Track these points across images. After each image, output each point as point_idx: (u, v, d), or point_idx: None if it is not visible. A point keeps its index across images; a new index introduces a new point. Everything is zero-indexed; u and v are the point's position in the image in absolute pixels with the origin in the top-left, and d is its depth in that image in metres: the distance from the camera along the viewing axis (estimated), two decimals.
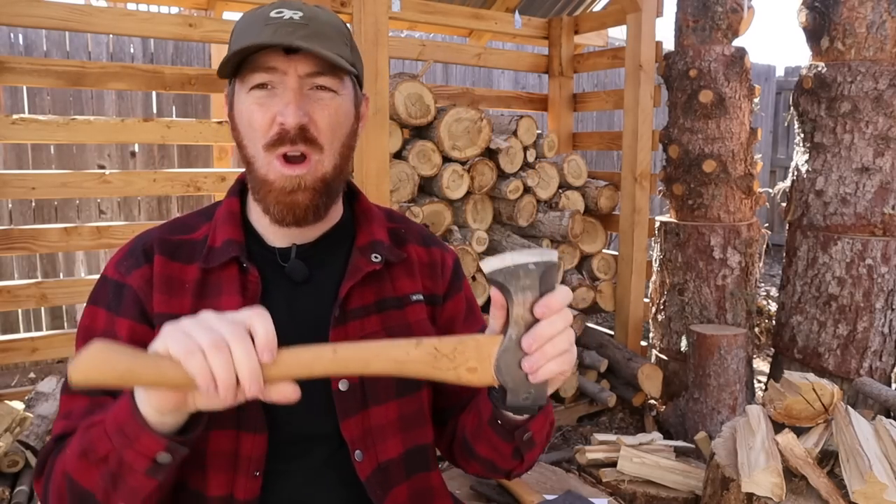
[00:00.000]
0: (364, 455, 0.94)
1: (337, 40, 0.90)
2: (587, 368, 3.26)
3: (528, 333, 0.72)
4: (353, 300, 0.97)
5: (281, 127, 0.87)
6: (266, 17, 0.88)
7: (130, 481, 0.75)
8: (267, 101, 0.88)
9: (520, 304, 0.72)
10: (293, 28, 0.86)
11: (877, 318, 2.88)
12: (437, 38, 5.07)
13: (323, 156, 0.90)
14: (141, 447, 0.73)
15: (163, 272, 0.92)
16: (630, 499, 2.21)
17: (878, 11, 2.86)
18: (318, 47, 0.85)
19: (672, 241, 3.29)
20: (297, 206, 0.90)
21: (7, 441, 1.96)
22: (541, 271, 0.72)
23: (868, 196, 2.91)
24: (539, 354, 0.72)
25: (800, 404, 1.89)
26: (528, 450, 0.91)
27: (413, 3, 3.11)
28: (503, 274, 0.72)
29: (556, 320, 0.72)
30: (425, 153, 2.89)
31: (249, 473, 0.90)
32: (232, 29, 0.94)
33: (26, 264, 4.09)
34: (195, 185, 2.62)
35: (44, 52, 4.09)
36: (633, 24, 3.30)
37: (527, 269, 0.72)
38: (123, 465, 0.75)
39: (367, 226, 1.03)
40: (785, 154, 8.06)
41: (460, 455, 1.03)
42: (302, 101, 0.88)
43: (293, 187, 0.89)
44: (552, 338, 0.72)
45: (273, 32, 0.86)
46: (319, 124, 0.89)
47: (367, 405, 0.95)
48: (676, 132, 3.27)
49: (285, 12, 0.88)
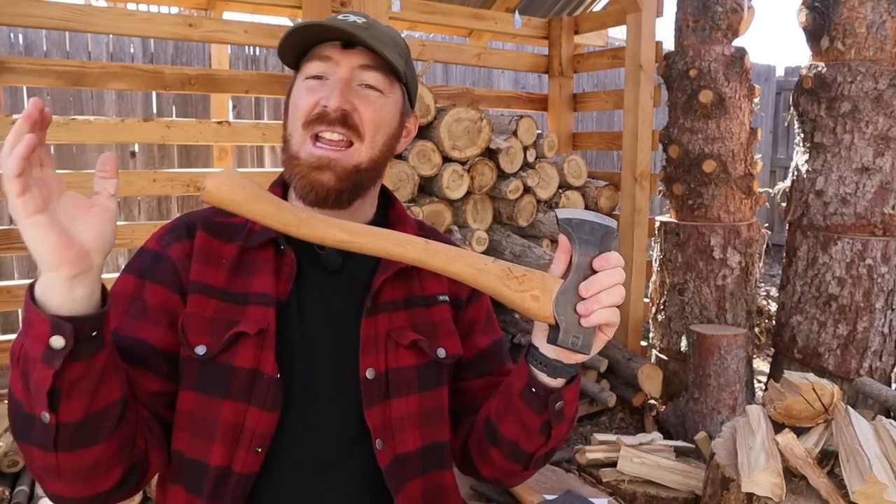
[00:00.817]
0: (384, 445, 0.95)
1: (393, 48, 0.96)
2: (587, 368, 3.26)
3: (587, 281, 0.79)
4: (384, 294, 1.00)
5: (323, 108, 0.92)
6: (332, 19, 0.95)
7: (34, 373, 0.73)
8: (317, 87, 0.94)
9: (582, 254, 0.80)
10: (355, 28, 0.92)
11: (877, 318, 2.88)
12: (437, 38, 5.07)
13: (362, 145, 0.94)
14: (34, 330, 0.72)
15: (203, 246, 0.96)
16: (630, 499, 2.21)
17: (878, 11, 2.86)
18: (374, 43, 0.92)
19: (672, 241, 3.29)
20: (321, 185, 0.93)
21: (7, 441, 1.96)
22: (603, 231, 0.81)
23: (868, 196, 2.91)
24: (593, 300, 0.78)
25: (800, 404, 1.89)
26: (557, 423, 0.90)
27: (413, 3, 3.11)
28: (574, 223, 0.80)
29: (612, 273, 0.79)
30: (425, 153, 2.89)
31: (251, 448, 0.90)
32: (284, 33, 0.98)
33: (26, 264, 4.09)
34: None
35: (44, 52, 4.09)
36: (633, 24, 3.30)
37: (593, 226, 0.81)
38: (28, 357, 0.73)
39: (400, 228, 1.05)
40: (785, 154, 8.06)
41: (477, 449, 1.03)
42: (348, 91, 0.93)
43: (321, 164, 0.92)
44: (607, 288, 0.79)
45: (335, 28, 0.92)
46: (364, 116, 0.94)
47: (390, 396, 0.96)
48: (676, 132, 3.27)
49: (350, 16, 0.95)
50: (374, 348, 0.96)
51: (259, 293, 0.94)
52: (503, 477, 1.03)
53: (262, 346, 0.91)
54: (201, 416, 0.90)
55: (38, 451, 0.78)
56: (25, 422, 0.77)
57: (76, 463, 0.79)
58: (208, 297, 0.93)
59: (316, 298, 0.98)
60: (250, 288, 0.95)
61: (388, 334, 0.98)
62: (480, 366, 1.08)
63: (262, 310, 0.93)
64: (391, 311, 0.99)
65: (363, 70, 0.94)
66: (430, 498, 1.01)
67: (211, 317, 0.93)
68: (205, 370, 0.91)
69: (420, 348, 0.99)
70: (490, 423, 0.97)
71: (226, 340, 0.90)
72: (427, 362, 1.00)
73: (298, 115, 0.94)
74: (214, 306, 0.93)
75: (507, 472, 1.00)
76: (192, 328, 0.91)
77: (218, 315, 0.93)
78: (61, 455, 0.78)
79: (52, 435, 0.76)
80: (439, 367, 1.02)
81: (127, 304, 0.93)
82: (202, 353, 0.90)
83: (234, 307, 0.93)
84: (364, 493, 0.96)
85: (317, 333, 0.96)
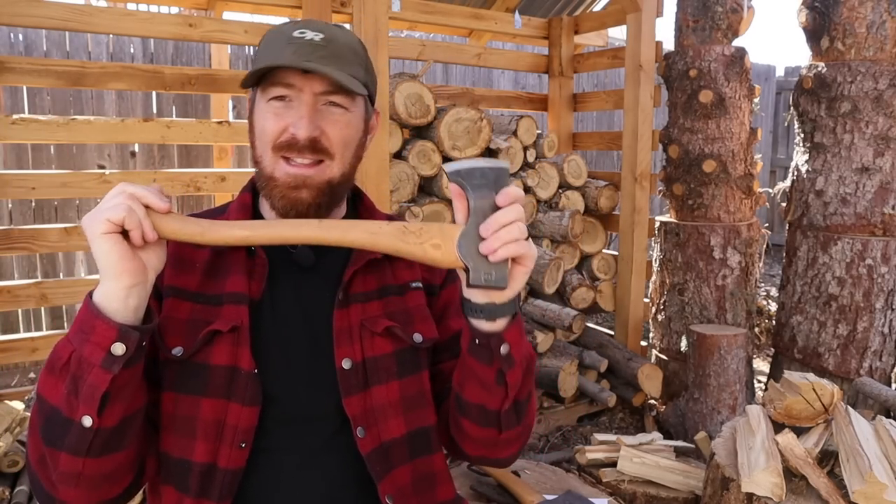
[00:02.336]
0: (366, 432, 0.97)
1: (353, 62, 0.98)
2: (587, 368, 3.26)
3: (486, 221, 0.81)
4: (356, 286, 1.02)
5: (292, 136, 0.94)
6: (289, 37, 0.95)
7: (89, 378, 0.78)
8: (283, 111, 0.96)
9: (478, 198, 0.82)
10: (312, 49, 0.94)
11: (877, 318, 2.88)
12: (437, 38, 5.07)
13: (333, 162, 0.98)
14: (97, 337, 0.78)
15: (175, 251, 0.98)
16: (630, 499, 2.21)
17: (878, 11, 2.86)
18: (332, 70, 0.93)
19: (672, 241, 3.29)
20: (301, 202, 0.96)
21: (7, 441, 1.96)
22: (495, 174, 0.83)
23: (868, 196, 2.91)
24: (494, 238, 0.80)
25: (800, 404, 1.89)
26: (508, 368, 0.90)
27: (413, 3, 3.11)
28: (462, 173, 0.82)
29: (509, 210, 0.81)
30: (425, 153, 2.89)
31: (234, 444, 0.92)
32: (260, 40, 1.01)
33: (26, 264, 4.09)
34: (195, 185, 2.62)
35: (44, 52, 4.09)
36: (633, 24, 3.30)
37: (483, 171, 0.83)
38: (83, 363, 0.78)
39: (369, 217, 1.09)
40: (785, 154, 8.06)
41: (454, 426, 1.03)
42: (315, 116, 0.95)
43: (297, 184, 0.96)
44: (505, 225, 0.80)
45: (293, 53, 0.93)
46: (331, 137, 0.96)
47: (369, 385, 0.98)
48: (676, 132, 3.27)
49: (307, 33, 0.95)
50: (349, 339, 0.99)
51: (232, 293, 0.97)
52: (487, 451, 1.02)
53: (237, 342, 0.94)
54: (182, 415, 0.93)
55: (66, 456, 0.81)
56: (60, 427, 0.81)
57: (99, 469, 0.84)
58: (182, 301, 0.97)
59: (290, 295, 1.01)
60: (224, 289, 0.98)
61: (362, 324, 1.00)
62: (455, 347, 1.08)
63: (236, 308, 0.96)
64: (364, 302, 1.02)
65: (326, 94, 0.96)
66: (421, 483, 1.02)
67: (186, 319, 0.95)
68: (182, 370, 0.94)
69: (395, 335, 1.01)
70: (456, 394, 0.99)
71: (200, 339, 0.93)
72: (404, 348, 1.02)
73: (266, 138, 0.96)
74: (189, 308, 0.96)
75: (485, 442, 1.00)
76: (168, 331, 0.94)
77: (193, 317, 0.96)
78: (88, 461, 0.82)
79: (88, 439, 0.80)
80: (417, 351, 1.04)
81: None
82: (179, 353, 0.93)
83: (209, 308, 0.96)
84: (351, 480, 0.98)
85: (292, 328, 0.99)
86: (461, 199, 0.83)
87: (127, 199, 0.79)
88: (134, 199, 0.79)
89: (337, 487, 0.97)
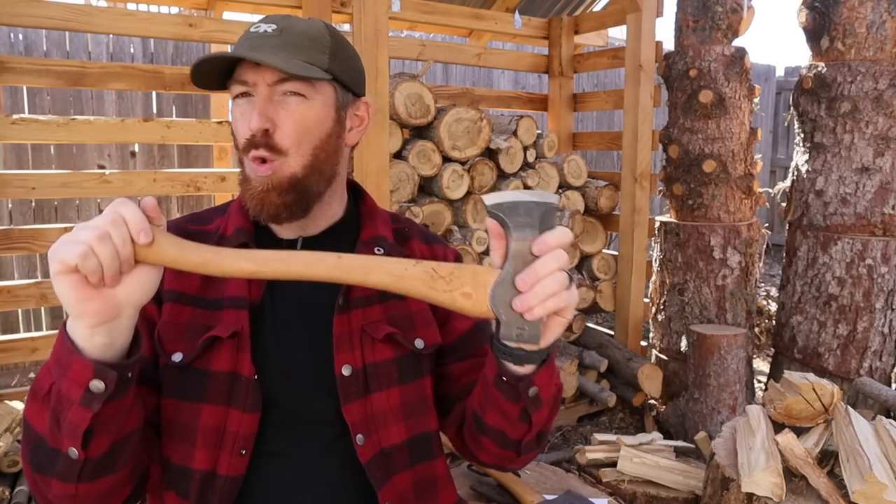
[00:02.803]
0: (366, 439, 0.96)
1: (310, 48, 0.94)
2: (587, 368, 3.26)
3: (523, 272, 0.72)
4: (357, 290, 0.99)
5: (251, 132, 0.92)
6: (247, 32, 0.94)
7: (69, 415, 0.74)
8: (246, 109, 0.94)
9: (518, 240, 0.73)
10: (262, 41, 0.92)
11: (877, 318, 2.88)
12: (437, 38, 5.07)
13: (288, 158, 0.93)
14: (73, 374, 0.73)
15: None
16: (630, 499, 2.21)
17: (878, 11, 2.86)
18: (276, 59, 0.88)
19: (672, 241, 3.29)
20: (269, 203, 0.94)
21: (7, 441, 1.96)
22: (541, 211, 0.73)
23: (868, 196, 2.91)
24: (530, 295, 0.72)
25: (800, 404, 1.89)
26: (535, 409, 0.88)
27: (413, 3, 3.11)
28: (503, 208, 0.72)
29: (550, 259, 0.72)
30: (425, 153, 2.89)
31: (234, 451, 0.91)
32: (192, 67, 0.98)
33: (26, 264, 4.09)
34: (195, 185, 2.62)
35: (44, 52, 4.09)
36: (633, 24, 3.30)
37: (527, 207, 0.72)
38: (62, 399, 0.74)
39: (371, 223, 1.07)
40: (785, 154, 8.06)
41: (471, 437, 1.02)
42: (266, 108, 0.92)
43: (264, 187, 0.93)
44: (545, 277, 0.72)
45: (245, 46, 0.92)
46: (284, 129, 0.93)
47: (369, 391, 0.97)
48: (676, 132, 3.27)
49: (262, 27, 0.94)
50: (349, 345, 0.97)
51: (232, 297, 0.96)
52: (501, 462, 1.02)
53: (237, 348, 0.93)
54: (182, 422, 0.92)
55: (57, 482, 0.79)
56: (48, 456, 0.78)
57: (95, 490, 0.81)
58: (182, 305, 0.95)
59: (291, 299, 0.99)
60: (224, 293, 0.96)
61: (362, 330, 0.98)
62: (462, 349, 1.08)
63: (236, 313, 0.94)
64: (365, 307, 1.00)
65: (280, 83, 0.92)
66: (422, 489, 1.01)
67: (186, 323, 0.94)
68: (182, 376, 0.93)
69: (396, 341, 1.00)
70: (476, 413, 0.97)
71: (200, 345, 0.92)
72: (405, 354, 1.01)
73: (239, 140, 0.95)
74: (189, 313, 0.95)
75: (502, 457, 1.00)
76: (168, 336, 0.93)
77: (193, 321, 0.94)
78: (81, 486, 0.79)
79: (77, 469, 0.77)
80: (418, 357, 1.02)
81: None
82: (179, 359, 0.92)
83: (209, 313, 0.95)
84: (351, 486, 0.97)
85: (292, 333, 0.98)
86: (499, 239, 0.75)
87: (96, 234, 0.69)
88: (117, 225, 0.71)
89: (337, 493, 0.96)
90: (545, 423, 0.93)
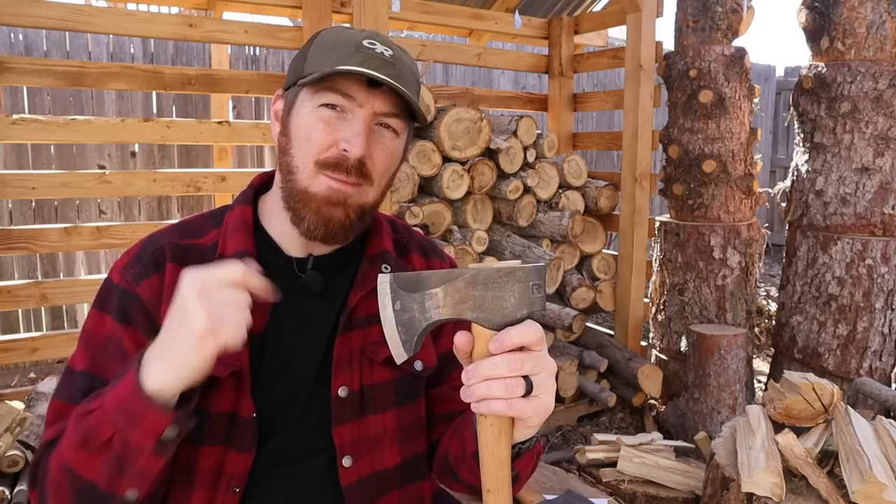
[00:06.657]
0: (354, 462, 0.94)
1: (414, 86, 0.92)
2: (587, 368, 3.26)
3: (468, 368, 0.70)
4: (360, 309, 0.98)
5: (343, 154, 0.88)
6: (357, 44, 0.89)
7: (139, 463, 0.74)
8: (335, 122, 0.89)
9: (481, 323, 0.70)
10: (382, 63, 0.87)
11: (877, 318, 2.88)
12: (437, 38, 5.07)
13: (371, 188, 0.93)
14: (148, 424, 0.72)
15: (173, 282, 0.88)
16: (630, 499, 2.21)
17: (878, 11, 2.86)
18: (400, 88, 0.87)
19: (672, 241, 3.29)
20: (334, 219, 0.91)
21: (7, 441, 1.96)
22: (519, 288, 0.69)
23: (868, 196, 2.91)
24: (469, 391, 0.70)
25: (800, 404, 1.89)
26: (514, 484, 0.86)
27: (413, 3, 3.11)
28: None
29: (498, 361, 0.69)
30: (425, 153, 2.89)
31: (229, 490, 0.90)
32: (310, 39, 0.95)
33: (26, 264, 4.09)
34: (195, 186, 2.62)
35: (44, 52, 4.09)
36: (633, 24, 3.30)
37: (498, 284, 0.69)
38: (129, 447, 0.74)
39: (377, 236, 1.05)
40: (785, 154, 8.06)
41: (442, 476, 1.03)
42: (370, 137, 0.90)
43: (338, 200, 0.90)
44: (487, 379, 0.69)
45: (363, 61, 0.86)
46: (376, 161, 0.91)
47: (365, 413, 0.96)
48: (676, 132, 3.27)
49: (378, 45, 0.89)
50: (349, 366, 0.95)
51: None
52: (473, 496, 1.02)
53: (237, 387, 0.89)
54: (181, 463, 0.88)
55: None
56: (97, 499, 0.78)
57: None
58: None
59: (294, 324, 0.95)
60: None
61: (362, 351, 0.96)
62: (442, 372, 1.05)
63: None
64: (365, 327, 0.97)
65: (386, 115, 0.91)
66: None
67: None
68: None
69: (396, 364, 0.97)
70: (450, 464, 0.97)
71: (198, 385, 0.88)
72: (404, 376, 0.99)
73: (311, 149, 0.89)
74: None
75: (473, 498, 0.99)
76: None
77: None
78: None
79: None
80: (416, 379, 1.01)
81: (103, 345, 0.89)
82: None
83: None
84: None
85: (294, 362, 0.95)
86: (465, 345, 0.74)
87: (245, 316, 0.72)
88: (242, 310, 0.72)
89: None
90: (521, 488, 0.94)
